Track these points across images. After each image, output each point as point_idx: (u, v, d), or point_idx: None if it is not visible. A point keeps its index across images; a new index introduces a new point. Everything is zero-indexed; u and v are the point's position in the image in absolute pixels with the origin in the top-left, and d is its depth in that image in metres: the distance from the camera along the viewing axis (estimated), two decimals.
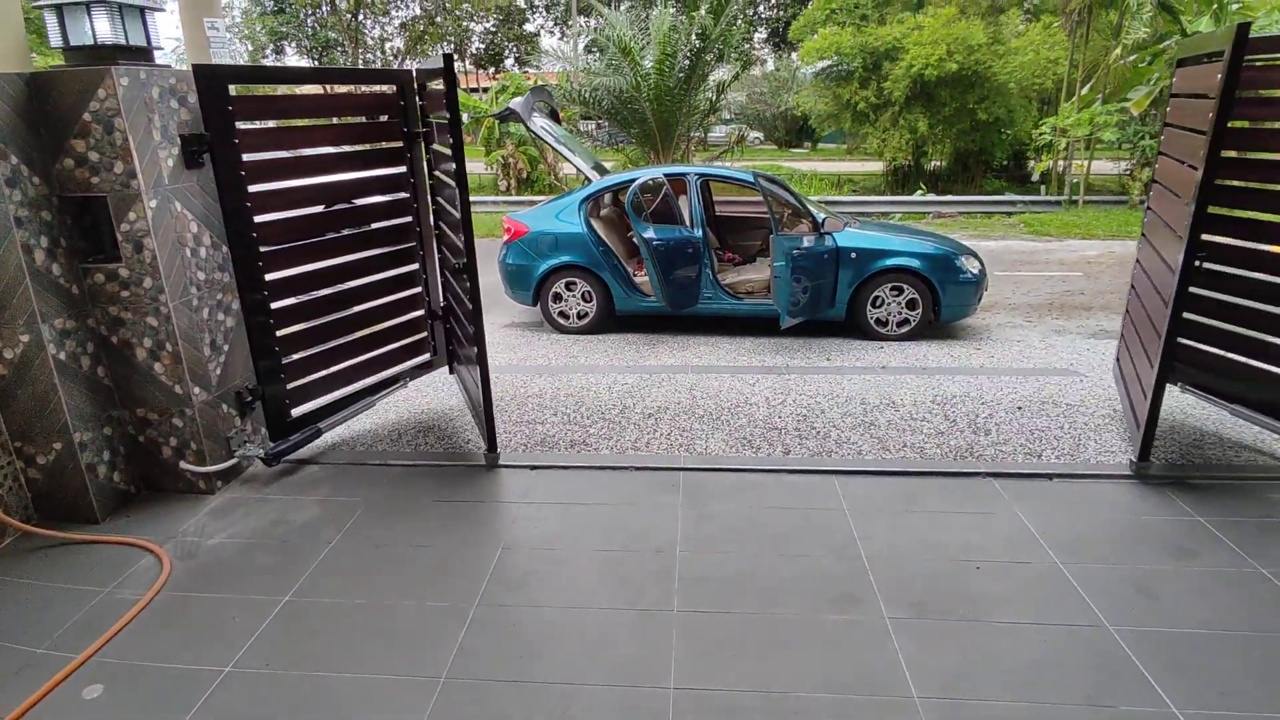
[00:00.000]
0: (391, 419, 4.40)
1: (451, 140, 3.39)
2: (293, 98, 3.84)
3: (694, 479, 3.55)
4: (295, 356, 3.73)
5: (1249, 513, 3.16)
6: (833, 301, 6.20)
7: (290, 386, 3.70)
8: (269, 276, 3.49)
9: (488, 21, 33.16)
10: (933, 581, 2.75)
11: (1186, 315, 3.36)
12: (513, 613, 2.64)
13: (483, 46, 34.14)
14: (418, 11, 30.41)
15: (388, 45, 31.90)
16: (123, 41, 3.05)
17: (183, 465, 3.43)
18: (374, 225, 4.07)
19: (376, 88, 4.05)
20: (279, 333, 3.59)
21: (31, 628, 2.63)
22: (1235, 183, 3.35)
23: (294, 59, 32.54)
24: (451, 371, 4.61)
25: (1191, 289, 3.27)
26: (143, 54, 3.14)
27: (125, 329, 3.23)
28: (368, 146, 4.01)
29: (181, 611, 2.71)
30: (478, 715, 2.19)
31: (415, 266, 4.22)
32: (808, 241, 5.99)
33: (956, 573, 2.80)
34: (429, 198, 4.21)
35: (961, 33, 15.91)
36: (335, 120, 4.27)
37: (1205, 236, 3.23)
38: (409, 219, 4.14)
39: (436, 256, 4.32)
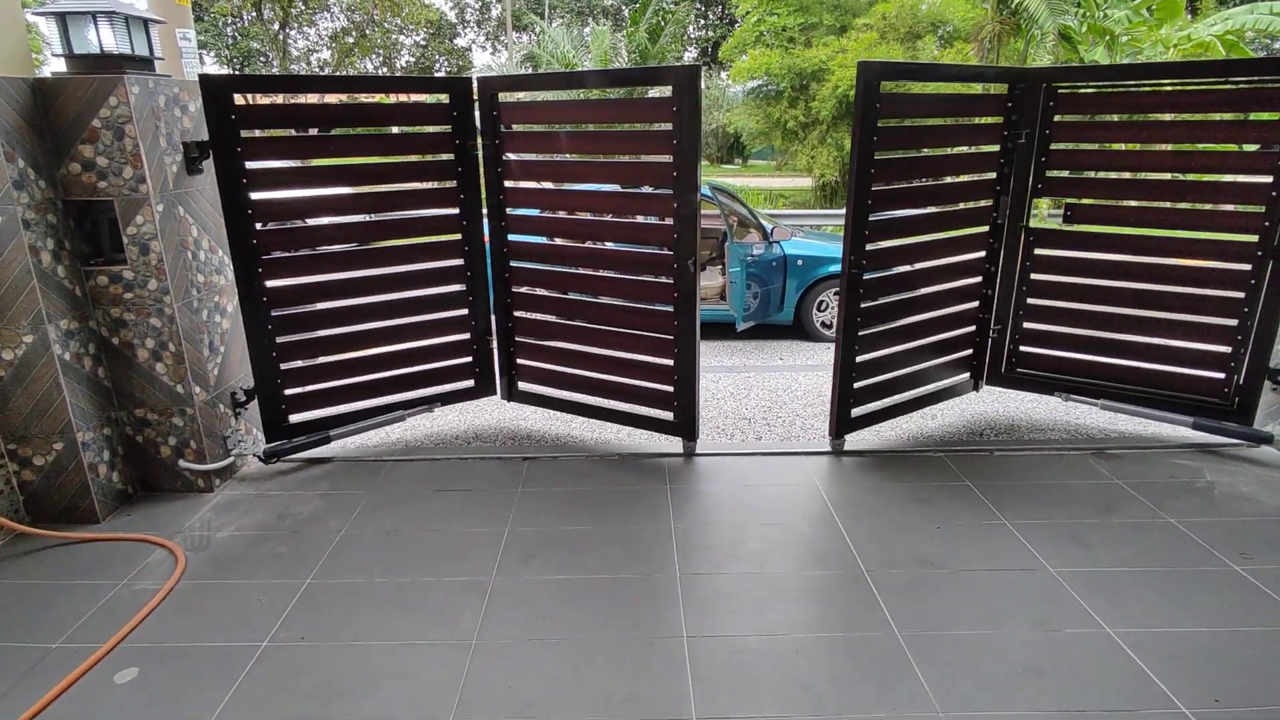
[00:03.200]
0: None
1: (685, 145, 3.43)
2: (309, 106, 3.83)
3: (677, 463, 3.84)
4: (297, 364, 3.79)
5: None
6: (782, 305, 6.63)
7: (290, 392, 3.79)
8: (269, 284, 3.58)
9: (418, 35, 32.95)
10: (901, 541, 3.11)
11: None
12: (528, 583, 2.86)
13: (413, 60, 33.87)
14: (345, 23, 29.98)
15: (314, 57, 31.30)
16: (128, 51, 3.15)
17: (182, 464, 3.49)
18: (406, 241, 3.94)
19: (421, 98, 3.97)
20: (279, 339, 3.68)
21: (41, 626, 2.65)
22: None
23: (213, 68, 31.53)
24: (511, 398, 4.36)
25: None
26: (147, 64, 3.24)
27: (127, 330, 3.30)
28: (412, 159, 3.90)
29: (205, 597, 2.81)
30: (513, 670, 2.40)
31: (461, 287, 4.05)
32: (758, 249, 6.40)
33: (921, 531, 3.17)
34: (484, 213, 4.03)
35: (883, 56, 16.90)
36: (362, 131, 4.08)
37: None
38: (456, 236, 3.97)
39: (493, 277, 4.11)
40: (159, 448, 3.49)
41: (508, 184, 3.98)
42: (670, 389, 3.86)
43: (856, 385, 3.89)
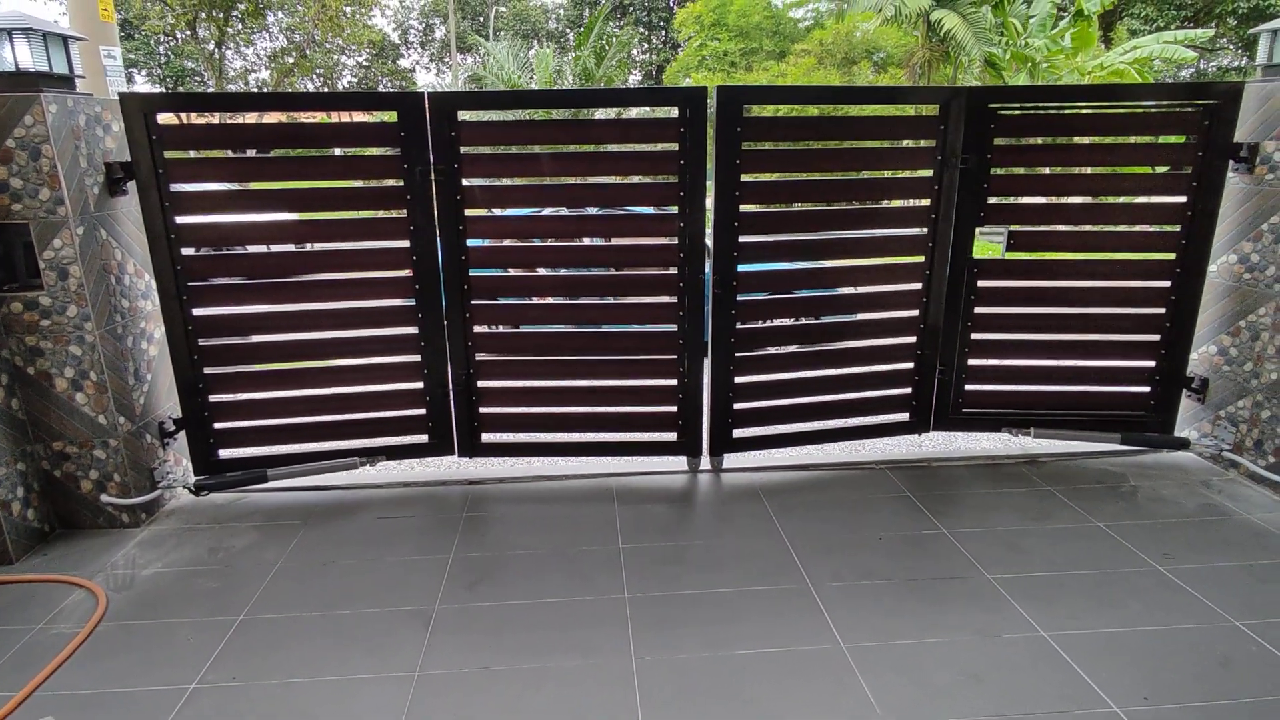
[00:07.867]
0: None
1: (692, 165, 3.42)
2: (239, 126, 3.68)
3: (626, 483, 3.83)
4: (227, 397, 3.65)
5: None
6: None
7: (220, 426, 3.64)
8: (196, 312, 3.45)
9: (360, 56, 32.61)
10: (844, 554, 3.15)
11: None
12: (474, 610, 2.80)
13: (355, 80, 33.48)
14: (285, 43, 29.46)
15: (252, 77, 30.63)
16: (46, 69, 3.03)
17: (104, 498, 3.32)
18: (346, 275, 3.68)
19: (366, 117, 3.83)
20: (207, 370, 3.54)
21: None
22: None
23: (144, 87, 30.63)
24: (474, 454, 3.88)
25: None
26: (67, 82, 3.12)
27: (44, 359, 3.14)
28: (355, 184, 3.67)
29: (129, 639, 2.67)
30: (457, 700, 2.34)
31: (412, 330, 3.63)
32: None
33: (864, 544, 3.22)
34: (437, 242, 3.56)
35: (819, 81, 17.41)
36: (299, 153, 3.79)
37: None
38: (405, 272, 3.55)
39: (449, 317, 3.63)
40: (79, 482, 3.32)
41: (469, 213, 3.54)
42: (674, 409, 3.83)
43: (739, 407, 3.89)
